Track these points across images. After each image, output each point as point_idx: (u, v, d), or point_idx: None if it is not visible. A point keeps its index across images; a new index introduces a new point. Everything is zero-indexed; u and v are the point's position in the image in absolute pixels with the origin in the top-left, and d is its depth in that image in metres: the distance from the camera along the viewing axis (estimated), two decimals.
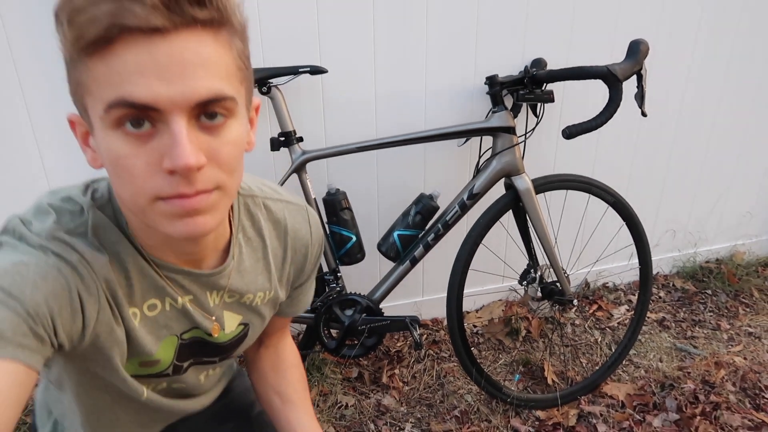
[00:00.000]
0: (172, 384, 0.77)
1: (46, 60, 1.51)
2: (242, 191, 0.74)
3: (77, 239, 0.58)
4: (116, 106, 0.47)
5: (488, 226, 1.64)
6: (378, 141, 1.61)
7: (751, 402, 1.76)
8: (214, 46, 0.49)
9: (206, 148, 0.51)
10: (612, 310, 2.29)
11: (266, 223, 0.75)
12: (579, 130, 1.38)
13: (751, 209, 2.58)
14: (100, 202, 0.61)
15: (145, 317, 0.65)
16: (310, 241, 0.80)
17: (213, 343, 0.76)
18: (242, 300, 0.75)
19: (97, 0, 0.45)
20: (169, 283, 0.66)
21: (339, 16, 1.67)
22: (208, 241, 0.65)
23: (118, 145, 0.49)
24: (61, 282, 0.55)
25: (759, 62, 2.24)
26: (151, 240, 0.63)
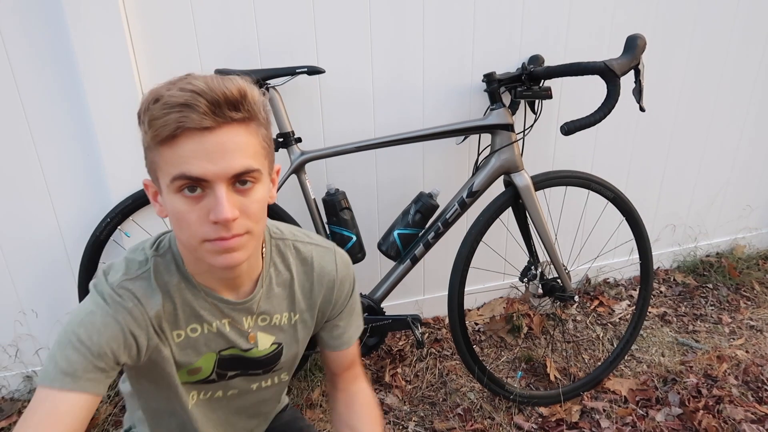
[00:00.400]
0: (227, 391, 0.96)
1: (43, 64, 1.51)
2: (274, 235, 0.92)
3: (138, 283, 0.80)
4: (179, 178, 0.69)
5: (488, 224, 1.64)
6: (376, 140, 1.61)
7: (754, 395, 1.76)
8: (245, 136, 0.71)
9: (239, 205, 0.72)
10: (613, 305, 2.29)
11: (294, 260, 0.93)
12: (577, 126, 1.38)
13: (750, 202, 2.58)
14: (162, 251, 0.84)
15: (188, 337, 0.86)
16: (336, 277, 0.95)
17: (250, 359, 0.92)
18: (272, 323, 0.92)
19: (168, 111, 0.66)
20: (212, 308, 0.86)
21: (335, 17, 1.67)
22: (242, 270, 0.84)
23: (178, 204, 0.71)
24: (118, 327, 0.77)
25: (757, 55, 2.24)
26: (201, 272, 0.83)
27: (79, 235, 1.71)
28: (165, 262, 0.83)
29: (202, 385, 0.92)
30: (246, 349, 0.91)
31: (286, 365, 0.99)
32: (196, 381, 0.91)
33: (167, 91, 0.67)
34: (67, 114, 1.57)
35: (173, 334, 0.84)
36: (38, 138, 1.58)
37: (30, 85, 1.52)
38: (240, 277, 0.85)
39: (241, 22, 1.60)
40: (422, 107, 1.86)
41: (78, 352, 0.73)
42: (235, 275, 0.84)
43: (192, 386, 0.91)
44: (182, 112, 0.65)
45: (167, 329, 0.83)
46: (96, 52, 1.47)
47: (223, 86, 0.67)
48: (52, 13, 1.46)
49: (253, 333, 0.91)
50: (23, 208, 1.64)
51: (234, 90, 0.68)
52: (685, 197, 2.44)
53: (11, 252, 1.68)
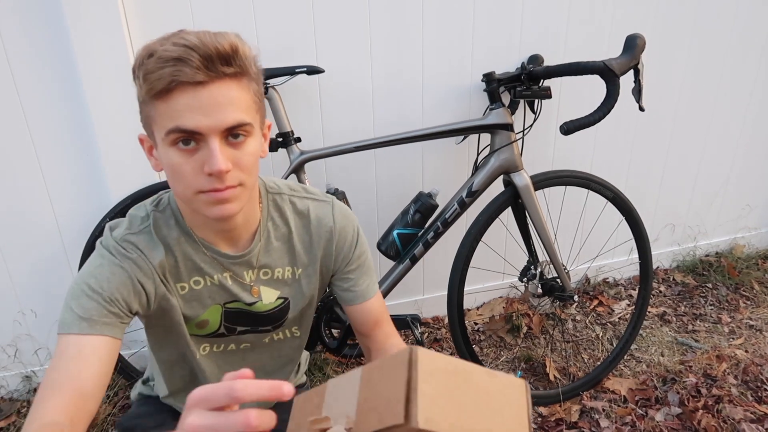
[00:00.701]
0: (239, 344, 0.98)
1: (42, 63, 1.50)
2: (271, 190, 0.93)
3: (140, 236, 0.84)
4: (173, 131, 0.71)
5: (488, 224, 1.64)
6: (376, 140, 1.61)
7: (753, 395, 1.76)
8: (237, 90, 0.72)
9: (232, 158, 0.74)
10: (613, 305, 2.29)
11: (292, 214, 0.94)
12: (577, 125, 1.38)
13: (749, 202, 2.58)
14: (162, 206, 0.87)
15: (192, 289, 0.89)
16: (333, 228, 0.96)
17: (256, 313, 0.94)
18: (274, 276, 0.94)
19: (162, 65, 0.68)
20: (212, 261, 0.88)
21: (335, 16, 1.67)
22: (237, 222, 0.86)
23: (173, 157, 0.73)
24: (126, 275, 0.81)
25: (756, 55, 2.24)
26: (198, 225, 0.86)
27: (77, 235, 1.70)
28: (165, 218, 0.86)
29: (213, 338, 0.96)
30: (250, 303, 0.93)
31: (295, 320, 1.01)
32: (206, 335, 0.94)
33: (161, 46, 0.68)
34: (66, 113, 1.57)
35: (177, 286, 0.88)
36: (37, 138, 1.58)
37: (29, 84, 1.52)
38: (236, 229, 0.87)
39: (240, 22, 1.60)
40: (422, 107, 1.86)
41: (91, 299, 0.78)
42: (231, 227, 0.86)
43: (202, 339, 0.95)
44: (176, 66, 0.67)
45: (171, 281, 0.87)
46: (95, 52, 1.47)
47: (215, 41, 0.69)
48: (52, 12, 1.46)
49: (256, 287, 0.93)
50: (22, 209, 1.64)
51: (226, 45, 0.69)
52: (684, 197, 2.44)
53: (10, 252, 1.68)
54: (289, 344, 1.05)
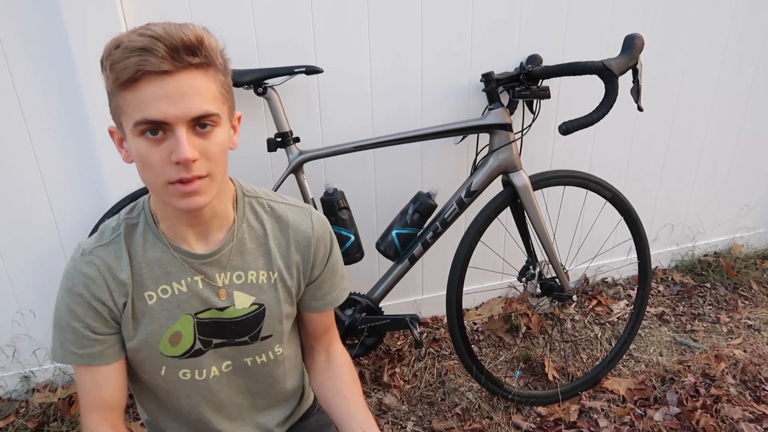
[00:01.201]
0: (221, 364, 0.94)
1: (40, 61, 1.50)
2: (248, 193, 0.94)
3: (109, 248, 0.86)
4: (141, 123, 0.71)
5: (486, 223, 1.64)
6: (375, 140, 1.61)
7: (752, 394, 1.76)
8: (204, 80, 0.73)
9: (199, 148, 0.75)
10: (611, 305, 2.29)
11: (269, 218, 0.94)
12: (576, 125, 1.38)
13: (748, 202, 2.58)
14: (135, 211, 0.88)
15: (160, 299, 0.87)
16: (312, 235, 0.95)
17: (229, 321, 0.92)
18: (248, 280, 0.92)
19: (128, 55, 0.68)
20: (182, 264, 0.87)
21: (334, 16, 1.67)
22: (207, 216, 0.86)
23: (142, 147, 0.74)
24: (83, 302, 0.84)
25: (755, 54, 2.24)
26: (170, 220, 0.86)
27: (76, 235, 1.70)
28: (136, 222, 0.88)
29: (190, 360, 0.92)
30: (222, 308, 0.91)
31: (274, 333, 0.97)
32: (183, 354, 0.91)
33: (127, 38, 0.70)
34: (64, 111, 1.57)
35: (145, 295, 0.87)
36: (35, 137, 1.58)
37: (27, 82, 1.52)
38: (207, 224, 0.87)
39: (239, 22, 1.60)
40: (420, 107, 1.86)
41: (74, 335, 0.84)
42: (202, 221, 0.86)
43: (180, 361, 0.91)
44: (141, 56, 0.68)
45: (138, 291, 0.86)
46: (94, 51, 1.47)
47: (180, 32, 0.70)
48: (50, 10, 1.46)
49: (225, 290, 0.91)
50: (21, 209, 1.64)
51: (191, 36, 0.71)
52: (683, 197, 2.44)
53: (9, 252, 1.68)
54: (276, 367, 1.01)
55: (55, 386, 1.84)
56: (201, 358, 0.92)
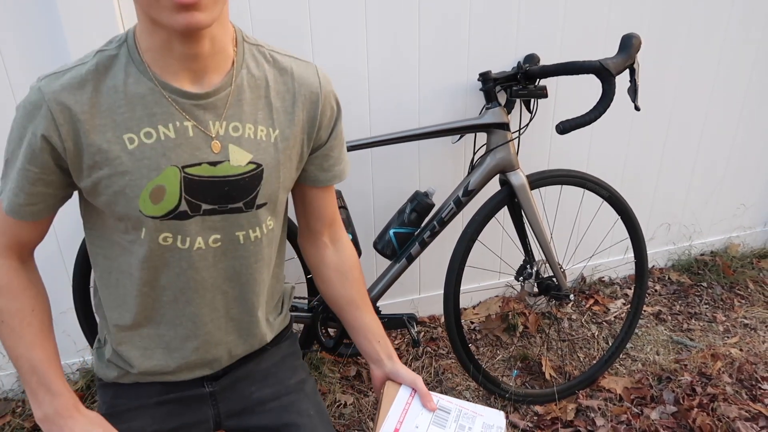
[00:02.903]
0: (208, 237, 0.82)
1: (37, 59, 1.50)
2: (248, 40, 0.82)
3: (66, 75, 0.73)
4: None
5: (484, 223, 1.65)
6: (372, 139, 1.61)
7: (748, 393, 1.77)
8: None
9: None
10: (608, 304, 2.29)
11: (271, 68, 0.83)
12: (573, 125, 1.38)
13: (744, 201, 2.59)
14: (115, 44, 0.75)
15: (142, 143, 0.75)
16: (320, 91, 0.85)
17: (222, 179, 0.80)
18: (246, 134, 0.80)
19: None
20: (170, 104, 0.75)
21: (331, 14, 1.67)
22: (204, 46, 0.73)
23: None
24: (21, 137, 0.73)
25: (751, 54, 2.25)
26: (160, 52, 0.73)
27: (73, 233, 1.70)
28: (115, 54, 0.75)
29: (173, 222, 0.79)
30: (214, 163, 0.78)
31: (270, 198, 0.86)
32: (165, 215, 0.78)
33: None
34: None
35: (124, 138, 0.74)
36: None
37: (25, 80, 1.51)
38: (203, 58, 0.75)
39: (235, 20, 1.59)
40: (417, 106, 1.86)
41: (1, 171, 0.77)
42: (197, 50, 0.73)
43: (161, 223, 0.79)
44: None
45: (112, 130, 0.74)
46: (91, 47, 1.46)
47: None
48: (46, 8, 1.45)
49: (219, 142, 0.79)
50: None
51: None
52: (679, 196, 2.44)
53: None
54: (266, 246, 0.90)
55: None
56: (186, 223, 0.80)
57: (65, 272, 1.74)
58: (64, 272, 1.74)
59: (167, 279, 0.84)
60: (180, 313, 0.87)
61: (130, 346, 0.90)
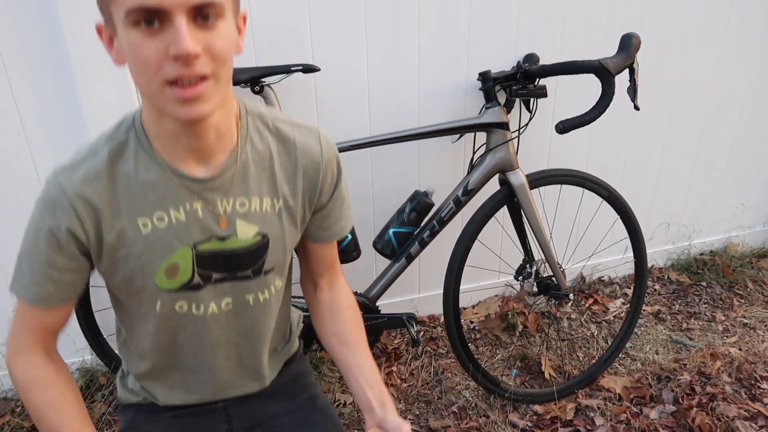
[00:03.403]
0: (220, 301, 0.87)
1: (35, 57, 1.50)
2: (251, 111, 0.85)
3: (81, 168, 0.76)
4: (134, 10, 0.62)
5: (483, 222, 1.65)
6: (371, 138, 1.61)
7: (747, 392, 1.77)
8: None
9: (202, 42, 0.65)
10: (608, 303, 2.30)
11: (274, 139, 0.86)
12: (572, 124, 1.38)
13: (744, 201, 2.59)
14: (123, 127, 0.79)
15: (155, 228, 0.79)
16: (321, 158, 0.88)
17: (231, 252, 0.84)
18: (252, 208, 0.84)
19: None
20: (180, 189, 0.79)
21: (331, 14, 1.67)
22: (209, 136, 0.77)
23: (135, 38, 0.64)
24: (46, 230, 0.76)
25: (750, 55, 2.25)
26: (167, 139, 0.76)
27: None
28: (124, 140, 0.78)
29: (188, 293, 0.84)
30: (223, 237, 0.83)
31: (276, 264, 0.90)
32: (180, 287, 0.83)
33: None
34: (61, 110, 1.56)
35: (138, 223, 0.78)
36: (31, 135, 1.57)
37: (23, 80, 1.51)
38: (209, 146, 0.78)
39: None
40: (417, 106, 1.86)
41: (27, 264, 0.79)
42: (203, 143, 0.77)
43: (176, 295, 0.84)
44: None
45: (128, 217, 0.78)
46: (91, 50, 1.46)
47: None
48: (46, 11, 1.45)
49: (227, 218, 0.83)
50: (16, 206, 1.63)
51: None
52: (679, 195, 2.44)
53: (3, 250, 1.67)
54: (274, 303, 0.95)
55: None
56: (199, 293, 0.85)
57: None
58: None
59: (184, 338, 0.90)
60: (198, 364, 0.94)
61: (154, 384, 0.97)
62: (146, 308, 0.85)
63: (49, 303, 0.80)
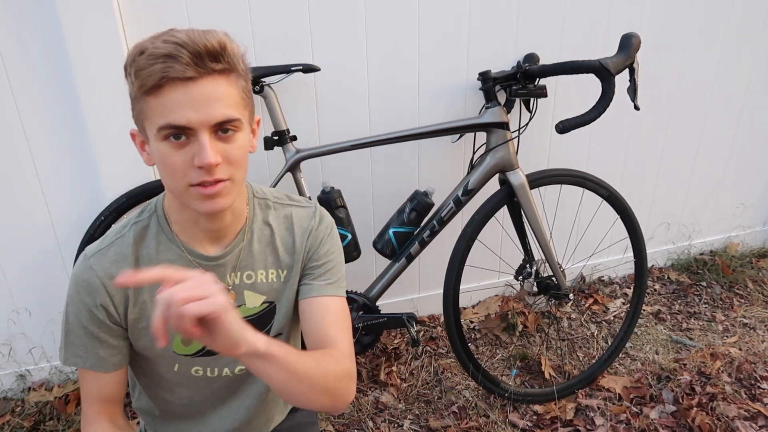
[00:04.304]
0: (234, 368, 0.96)
1: (35, 60, 1.50)
2: (257, 195, 0.96)
3: (111, 250, 0.86)
4: (164, 127, 0.73)
5: (483, 222, 1.65)
6: (372, 138, 1.61)
7: (747, 392, 1.77)
8: (226, 86, 0.75)
9: (222, 152, 0.76)
10: (608, 303, 2.30)
11: (275, 218, 0.96)
12: (572, 124, 1.38)
13: (744, 201, 2.59)
14: (147, 213, 0.90)
15: None
16: (314, 227, 0.97)
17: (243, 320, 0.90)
18: (258, 279, 0.94)
19: (152, 62, 0.70)
20: (194, 266, 0.88)
21: (331, 14, 1.67)
22: (226, 221, 0.88)
23: (165, 150, 0.75)
24: (85, 309, 0.85)
25: (750, 54, 2.25)
26: (187, 224, 0.87)
27: (72, 232, 1.70)
28: (147, 224, 0.89)
29: (203, 358, 0.94)
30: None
31: (283, 330, 0.99)
32: (195, 353, 0.93)
33: (151, 44, 0.71)
34: (61, 111, 1.56)
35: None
36: (31, 135, 1.57)
37: (22, 80, 1.51)
38: (224, 228, 0.89)
39: (235, 21, 1.59)
40: (417, 105, 1.86)
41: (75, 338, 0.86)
42: (220, 225, 0.88)
43: (192, 360, 0.93)
44: (166, 62, 0.69)
45: (148, 292, 0.87)
46: (90, 51, 1.46)
47: (204, 38, 0.71)
48: (46, 8, 1.45)
49: (234, 292, 0.93)
50: (16, 207, 1.63)
51: (215, 42, 0.72)
52: (679, 195, 2.44)
53: (4, 251, 1.67)
54: None
55: (51, 385, 1.84)
56: (214, 358, 0.95)
57: (64, 271, 1.74)
58: (63, 271, 1.74)
59: (202, 398, 0.99)
60: (215, 416, 1.03)
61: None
62: (164, 369, 0.95)
63: (104, 368, 0.87)
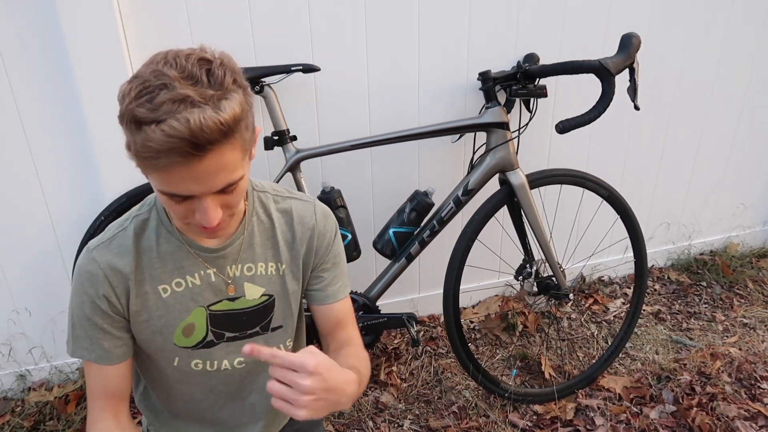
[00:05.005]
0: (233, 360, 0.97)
1: (36, 60, 1.50)
2: (257, 188, 0.97)
3: (113, 243, 0.88)
4: (167, 194, 0.74)
5: (483, 222, 1.65)
6: (372, 138, 1.61)
7: (747, 392, 1.77)
8: (230, 152, 0.72)
9: (223, 203, 0.78)
10: (608, 303, 2.30)
11: (276, 212, 0.97)
12: (572, 124, 1.38)
13: (744, 200, 2.59)
14: (146, 206, 0.91)
15: (174, 292, 0.91)
16: (315, 226, 0.98)
17: (240, 311, 0.95)
18: (258, 272, 0.95)
19: (155, 155, 0.67)
20: (195, 258, 0.91)
21: (331, 14, 1.67)
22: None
23: (166, 201, 0.76)
24: (88, 300, 0.87)
25: (750, 54, 2.25)
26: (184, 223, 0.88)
27: (72, 232, 1.70)
28: (146, 218, 0.90)
29: (202, 350, 0.95)
30: (233, 298, 0.94)
31: (285, 323, 1.00)
32: (195, 345, 0.94)
33: (150, 125, 0.66)
34: (61, 111, 1.56)
35: (158, 288, 0.90)
36: (31, 135, 1.57)
37: (23, 81, 1.51)
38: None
39: (236, 21, 1.59)
40: (417, 105, 1.86)
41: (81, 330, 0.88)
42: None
43: (192, 352, 0.95)
44: (169, 156, 0.67)
45: (150, 284, 0.89)
46: (90, 50, 1.46)
47: (202, 126, 0.66)
48: (47, 12, 1.45)
49: (234, 285, 0.94)
50: (16, 207, 1.63)
51: (214, 128, 0.67)
52: (679, 195, 2.45)
53: (4, 251, 1.67)
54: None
55: (51, 385, 1.84)
56: (213, 350, 0.96)
57: (64, 271, 1.74)
58: (63, 271, 1.74)
59: (202, 394, 1.00)
60: (218, 414, 1.04)
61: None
62: (164, 363, 0.96)
63: (109, 360, 0.88)
